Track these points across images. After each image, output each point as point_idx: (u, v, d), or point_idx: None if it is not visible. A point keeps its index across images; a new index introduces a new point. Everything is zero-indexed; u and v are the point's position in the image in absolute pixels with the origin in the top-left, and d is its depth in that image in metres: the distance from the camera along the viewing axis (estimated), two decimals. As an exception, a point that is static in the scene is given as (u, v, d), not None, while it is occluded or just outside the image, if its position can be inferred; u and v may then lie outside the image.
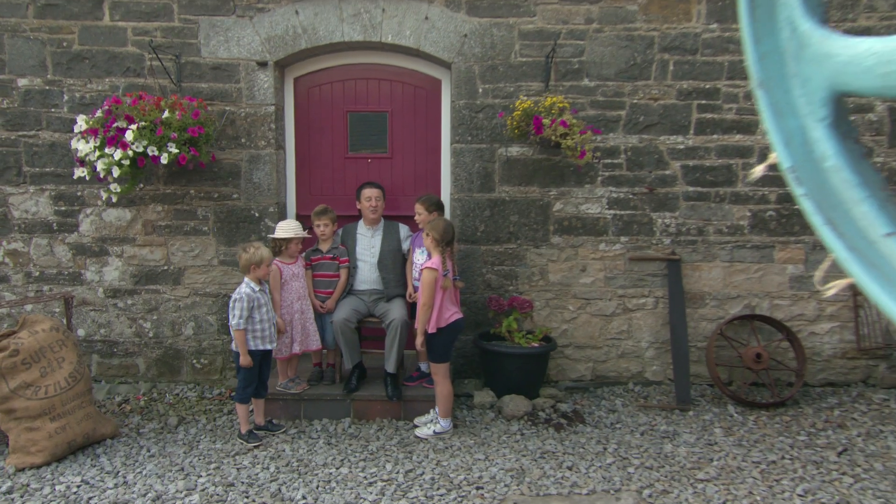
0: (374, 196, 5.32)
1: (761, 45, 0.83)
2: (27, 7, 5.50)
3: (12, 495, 4.03)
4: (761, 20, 0.83)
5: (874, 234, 0.74)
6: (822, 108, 0.79)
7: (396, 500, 3.98)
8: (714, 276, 5.80)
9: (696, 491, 4.13)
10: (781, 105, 0.81)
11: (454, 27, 5.61)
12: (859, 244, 0.74)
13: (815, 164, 0.79)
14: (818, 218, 0.77)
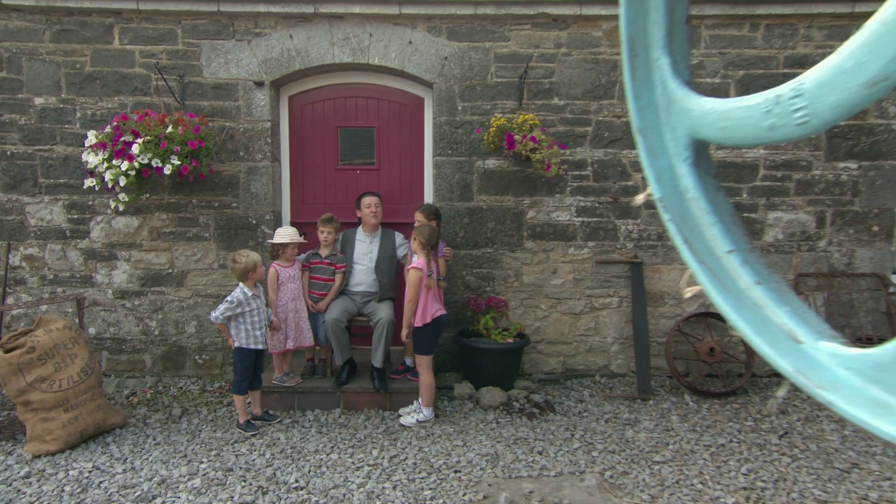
0: (374, 203, 5.41)
1: (640, 100, 0.97)
2: (44, 32, 5.57)
3: (30, 479, 4.10)
4: (640, 80, 0.97)
5: (719, 252, 0.88)
6: (685, 151, 0.93)
7: (381, 482, 4.07)
8: (672, 278, 5.95)
9: (653, 472, 4.26)
10: (655, 147, 0.95)
11: (435, 50, 5.73)
12: (708, 259, 0.88)
13: (680, 195, 0.93)
14: (678, 238, 0.91)
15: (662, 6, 0.95)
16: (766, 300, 0.82)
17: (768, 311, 0.81)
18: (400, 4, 5.55)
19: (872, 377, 0.68)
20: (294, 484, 4.02)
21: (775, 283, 0.85)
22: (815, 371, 0.73)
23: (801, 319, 0.79)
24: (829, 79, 0.69)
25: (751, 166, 5.81)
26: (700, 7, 5.53)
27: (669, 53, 0.96)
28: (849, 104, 0.68)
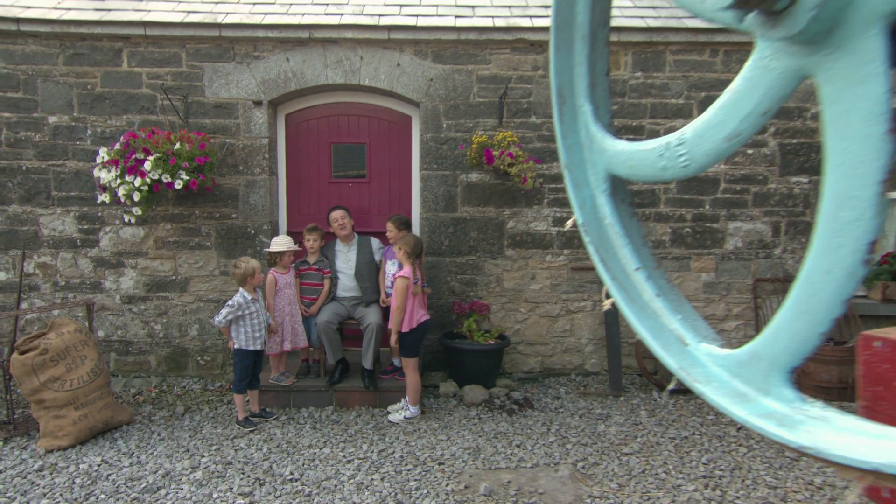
0: (340, 216, 5.46)
1: (567, 140, 1.08)
2: (58, 56, 5.65)
3: (43, 472, 4.16)
4: (567, 123, 1.09)
5: (629, 269, 0.99)
6: (604, 183, 1.05)
7: (370, 474, 4.15)
8: (642, 283, 6.07)
9: (622, 462, 4.37)
10: (579, 180, 1.07)
11: (422, 72, 5.85)
12: (619, 275, 0.99)
13: (598, 221, 1.05)
14: (596, 257, 1.03)
15: (585, 61, 1.07)
16: (664, 309, 0.94)
17: (664, 319, 0.93)
18: (389, 30, 5.67)
19: (736, 372, 0.80)
20: (289, 476, 4.09)
21: (673, 296, 0.96)
22: (695, 368, 0.84)
23: (689, 326, 0.91)
24: (701, 132, 0.82)
25: (712, 180, 5.96)
26: (665, 34, 5.68)
27: (592, 101, 1.08)
28: (716, 153, 0.80)
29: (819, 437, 0.67)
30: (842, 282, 0.67)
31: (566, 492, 4.00)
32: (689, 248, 6.01)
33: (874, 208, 0.63)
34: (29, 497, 3.82)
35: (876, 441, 0.62)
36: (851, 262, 0.65)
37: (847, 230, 0.65)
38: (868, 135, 0.62)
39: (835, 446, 0.64)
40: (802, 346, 0.72)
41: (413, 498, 3.87)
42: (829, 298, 0.68)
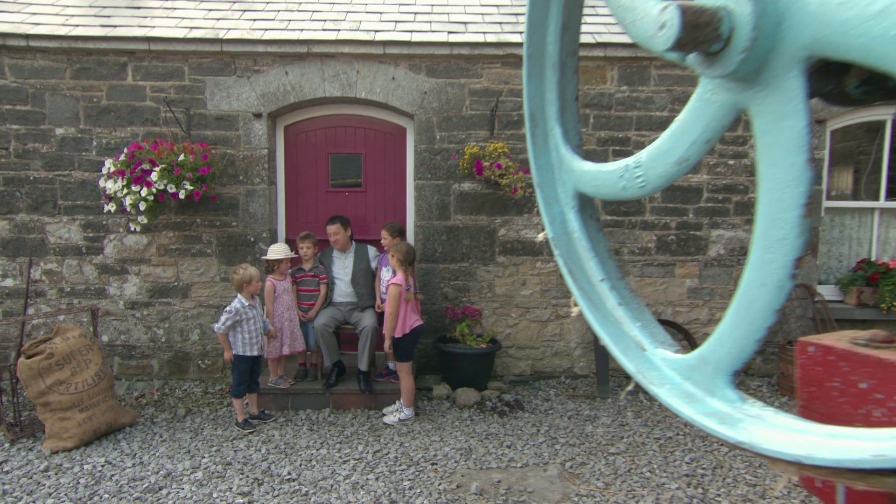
0: (333, 231, 5.49)
1: (539, 160, 1.14)
2: (65, 70, 5.69)
3: (49, 473, 4.19)
4: (539, 144, 1.15)
5: (594, 280, 1.05)
6: (573, 200, 1.10)
7: (365, 474, 4.19)
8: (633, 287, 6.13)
9: (608, 462, 4.42)
10: (550, 198, 1.13)
11: (416, 86, 5.92)
12: (585, 286, 1.05)
13: (568, 236, 1.10)
14: (565, 269, 1.08)
15: (556, 87, 1.14)
16: (625, 317, 1.00)
17: (625, 326, 0.99)
18: (384, 45, 5.74)
19: (686, 375, 0.86)
20: (287, 476, 4.13)
21: (634, 305, 1.02)
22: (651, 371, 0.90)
23: (648, 332, 0.97)
24: (655, 157, 0.88)
25: (696, 189, 6.04)
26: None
27: (562, 124, 1.14)
28: (668, 176, 0.86)
29: (754, 433, 0.72)
30: (773, 294, 0.72)
31: (554, 490, 4.05)
32: (673, 254, 6.07)
33: (798, 228, 0.69)
34: (35, 497, 3.85)
35: (801, 436, 0.68)
36: (781, 277, 0.71)
37: (776, 248, 0.71)
38: (792, 163, 0.68)
39: (766, 441, 0.69)
40: (742, 351, 0.77)
41: (407, 497, 3.91)
42: (764, 308, 0.74)
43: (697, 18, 0.68)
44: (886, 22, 0.58)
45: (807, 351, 0.91)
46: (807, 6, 0.65)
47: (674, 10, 0.68)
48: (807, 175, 0.68)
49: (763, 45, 0.68)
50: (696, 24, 0.68)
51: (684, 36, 0.68)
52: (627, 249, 6.09)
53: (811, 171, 0.68)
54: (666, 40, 0.70)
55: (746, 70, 0.70)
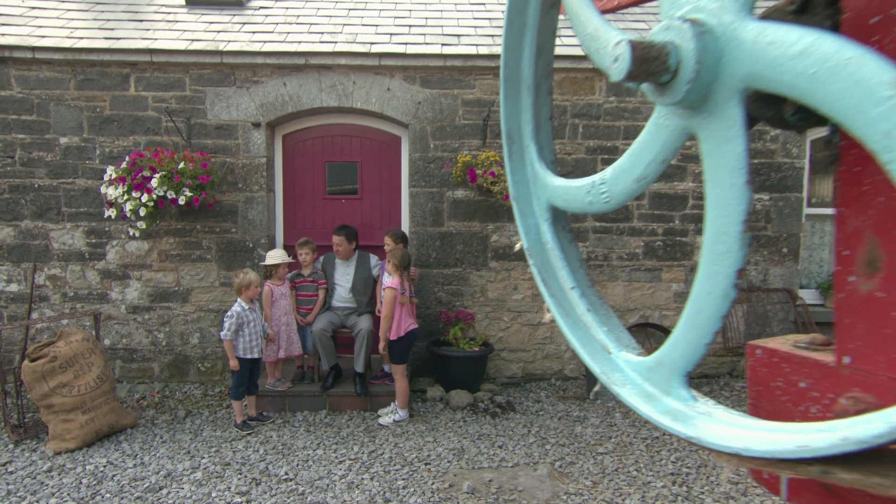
0: (336, 242, 5.56)
1: (515, 175, 1.20)
2: (69, 81, 5.74)
3: (52, 473, 4.21)
4: (516, 161, 1.20)
5: (566, 287, 1.11)
6: (546, 213, 1.16)
7: (360, 474, 4.23)
8: (617, 293, 6.20)
9: (597, 461, 4.47)
10: (525, 210, 1.18)
11: (411, 96, 5.99)
12: (557, 293, 1.11)
13: (542, 246, 1.16)
14: (538, 277, 1.14)
15: (531, 108, 1.19)
16: (593, 322, 1.05)
17: (593, 331, 1.04)
18: (379, 57, 5.81)
19: (646, 376, 0.91)
20: (284, 476, 4.17)
21: (602, 311, 1.08)
22: (614, 373, 0.95)
23: (613, 337, 1.02)
24: (617, 175, 0.93)
25: (681, 197, 6.11)
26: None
27: (537, 142, 1.19)
28: (629, 192, 0.92)
29: (702, 429, 0.78)
30: (719, 302, 0.78)
31: (544, 489, 4.10)
32: (660, 260, 6.14)
33: (739, 243, 0.75)
34: (38, 496, 3.88)
35: (741, 431, 0.73)
36: (725, 286, 0.77)
37: (721, 260, 0.77)
38: (732, 184, 0.74)
39: (711, 436, 0.75)
40: (693, 354, 0.83)
41: (400, 496, 3.95)
42: (711, 315, 0.79)
43: (647, 53, 0.74)
44: (806, 62, 0.64)
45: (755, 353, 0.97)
46: (742, 44, 0.71)
47: (625, 45, 0.74)
48: (745, 195, 0.74)
49: (706, 77, 0.74)
50: (646, 58, 0.74)
51: (635, 69, 0.74)
52: (616, 255, 6.15)
53: (749, 191, 0.74)
54: (619, 72, 0.76)
55: (692, 99, 0.76)
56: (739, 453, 0.69)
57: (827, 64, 0.61)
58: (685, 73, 0.74)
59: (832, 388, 0.80)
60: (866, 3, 0.74)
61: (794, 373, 0.86)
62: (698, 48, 0.72)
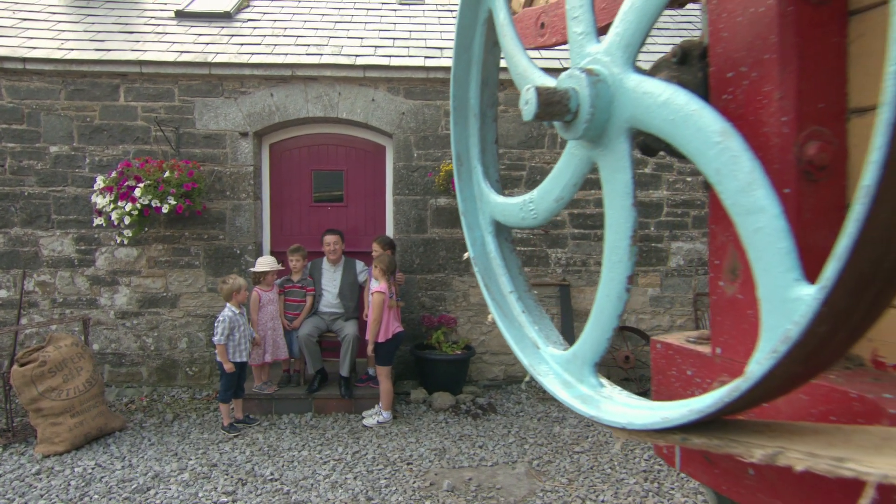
0: (332, 241, 5.71)
1: (464, 193, 1.35)
2: (60, 92, 5.85)
3: (40, 476, 4.29)
4: (464, 180, 1.36)
5: (505, 292, 1.26)
6: (490, 226, 1.32)
7: (344, 474, 4.35)
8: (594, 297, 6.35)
9: (573, 460, 4.62)
10: (472, 224, 1.34)
11: (395, 107, 6.15)
12: (498, 297, 1.26)
13: (486, 256, 1.31)
14: (482, 283, 1.29)
15: (477, 133, 1.35)
16: (526, 322, 1.20)
17: (526, 329, 1.19)
18: (364, 69, 5.96)
19: (565, 367, 1.07)
20: (269, 476, 4.27)
21: (536, 312, 1.23)
22: (540, 365, 1.11)
23: (543, 334, 1.18)
24: (541, 195, 1.09)
25: (656, 205, 6.30)
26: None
27: (483, 164, 1.35)
28: (551, 210, 1.08)
29: (603, 409, 0.93)
30: (615, 303, 0.94)
31: (521, 487, 4.24)
32: (636, 265, 6.30)
33: (629, 254, 0.90)
34: (27, 498, 3.95)
35: (630, 409, 0.89)
36: (619, 290, 0.92)
37: (615, 268, 0.92)
38: (622, 205, 0.90)
39: (608, 414, 0.90)
40: (598, 347, 0.99)
41: (382, 494, 4.08)
42: (610, 314, 0.95)
43: (551, 98, 0.90)
44: (667, 110, 0.79)
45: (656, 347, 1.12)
46: (627, 92, 0.86)
47: (532, 91, 0.90)
48: (632, 215, 0.89)
49: (600, 118, 0.89)
50: (550, 102, 0.90)
51: (541, 111, 0.90)
52: (594, 261, 6.33)
53: (635, 212, 0.89)
54: (528, 113, 0.91)
55: (590, 135, 0.92)
56: (625, 427, 0.84)
57: (680, 113, 0.77)
58: (583, 115, 0.89)
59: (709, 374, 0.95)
60: (724, 60, 0.90)
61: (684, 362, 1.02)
62: (592, 94, 0.88)
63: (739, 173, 0.69)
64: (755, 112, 0.85)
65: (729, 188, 0.71)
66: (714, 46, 0.92)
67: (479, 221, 1.33)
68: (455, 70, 1.34)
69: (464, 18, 1.29)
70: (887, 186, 0.52)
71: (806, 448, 0.65)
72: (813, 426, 0.72)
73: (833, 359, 0.66)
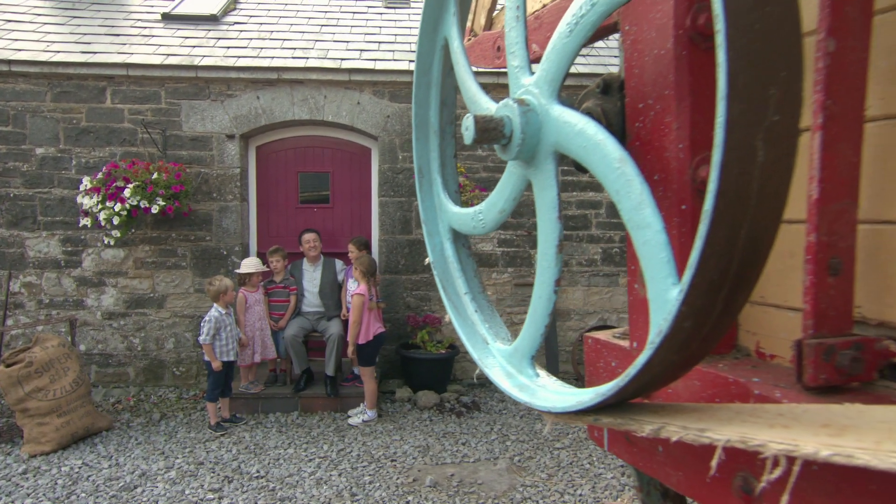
0: (312, 239, 5.84)
1: (425, 203, 1.49)
2: (46, 94, 5.93)
3: (27, 475, 4.38)
4: (425, 191, 1.50)
5: (461, 293, 1.40)
6: (448, 233, 1.46)
7: (329, 471, 4.48)
8: (577, 297, 6.53)
9: (553, 456, 4.77)
10: (432, 231, 1.47)
11: (380, 110, 6.27)
12: (454, 298, 1.40)
13: (444, 260, 1.45)
14: (441, 286, 1.43)
15: (437, 149, 1.49)
16: (478, 321, 1.35)
17: (477, 327, 1.33)
18: (350, 73, 6.09)
19: (508, 360, 1.21)
20: (255, 474, 4.39)
21: (488, 312, 1.37)
22: (488, 358, 1.25)
23: (493, 331, 1.32)
24: (488, 207, 1.23)
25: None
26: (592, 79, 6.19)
27: (442, 176, 1.49)
28: (496, 220, 1.22)
29: (536, 396, 1.07)
30: (546, 303, 1.08)
31: (502, 482, 4.38)
32: (618, 265, 6.49)
33: (555, 260, 1.04)
34: (13, 497, 4.04)
35: (556, 395, 1.03)
36: (548, 292, 1.07)
37: (545, 273, 1.06)
38: (550, 219, 1.04)
39: (539, 400, 1.04)
40: (533, 342, 1.13)
41: (366, 490, 4.21)
42: (542, 313, 1.09)
43: (487, 125, 1.04)
44: (581, 139, 0.93)
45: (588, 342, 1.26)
46: (552, 120, 1.01)
47: (471, 119, 1.04)
48: (557, 227, 1.03)
49: (530, 143, 1.03)
50: (486, 129, 1.04)
51: (478, 136, 1.04)
52: (576, 261, 6.48)
53: (560, 224, 1.03)
54: (468, 137, 1.05)
55: (523, 157, 1.06)
56: (549, 410, 0.98)
57: (591, 142, 0.91)
58: (515, 139, 1.03)
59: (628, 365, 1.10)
60: (636, 92, 1.04)
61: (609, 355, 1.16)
62: (523, 122, 1.02)
63: (632, 194, 0.84)
64: (659, 139, 1.00)
65: (625, 206, 0.85)
66: (628, 80, 1.07)
67: (438, 229, 1.47)
68: (416, 92, 1.48)
69: (423, 46, 1.43)
70: (721, 212, 0.67)
71: (681, 423, 0.79)
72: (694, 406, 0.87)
73: (704, 349, 0.80)
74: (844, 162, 0.77)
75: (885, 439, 0.58)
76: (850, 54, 0.75)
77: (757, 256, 0.71)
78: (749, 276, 0.72)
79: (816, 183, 0.77)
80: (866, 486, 0.70)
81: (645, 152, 1.03)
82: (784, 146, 0.67)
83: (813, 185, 0.77)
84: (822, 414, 0.69)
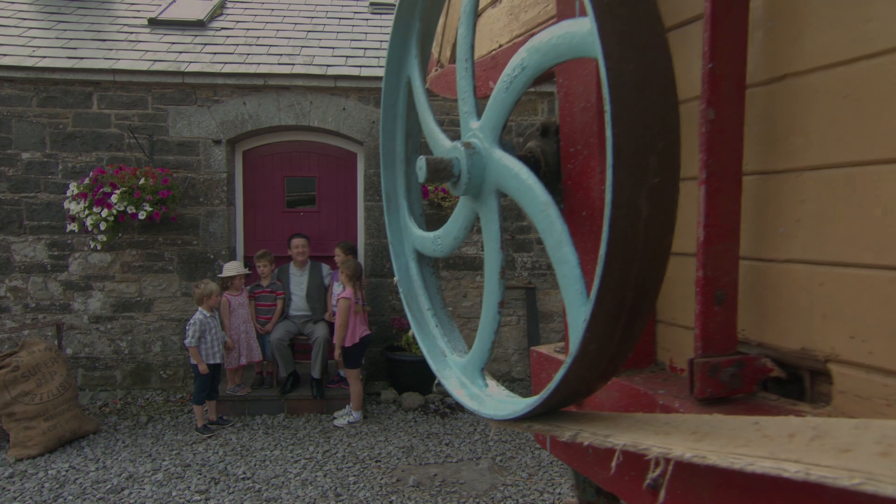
0: (301, 244, 5.96)
1: (392, 225, 1.64)
2: (32, 99, 6.01)
3: (13, 479, 4.46)
4: (392, 214, 1.64)
5: (424, 309, 1.55)
6: (413, 254, 1.60)
7: (315, 472, 4.60)
8: (560, 300, 6.67)
9: (534, 455, 4.92)
10: (399, 252, 1.62)
11: (365, 115, 6.40)
12: (417, 314, 1.55)
13: (410, 279, 1.60)
14: (405, 302, 1.58)
15: (403, 175, 1.64)
16: (438, 335, 1.49)
17: (438, 341, 1.48)
18: (335, 79, 6.21)
19: (462, 371, 1.36)
20: (242, 475, 4.50)
21: (448, 326, 1.52)
22: (445, 370, 1.40)
23: (451, 345, 1.47)
24: (444, 234, 1.38)
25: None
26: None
27: (408, 201, 1.64)
28: (451, 245, 1.37)
29: (484, 404, 1.22)
30: (491, 322, 1.23)
31: (484, 481, 4.53)
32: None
33: (498, 285, 1.19)
34: (0, 501, 4.12)
35: (499, 404, 1.18)
36: (493, 312, 1.22)
37: (490, 297, 1.21)
38: (493, 248, 1.19)
39: (486, 408, 1.19)
40: (482, 356, 1.28)
41: (351, 490, 4.34)
42: (489, 330, 1.24)
43: (438, 165, 1.18)
44: (515, 181, 1.08)
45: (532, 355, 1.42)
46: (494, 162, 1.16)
47: (423, 160, 1.19)
48: (500, 255, 1.18)
49: (476, 181, 1.18)
50: (437, 169, 1.18)
51: (430, 175, 1.18)
52: (559, 264, 6.62)
53: (502, 254, 1.18)
54: (421, 177, 1.20)
55: (471, 193, 1.20)
56: (492, 417, 1.13)
57: (523, 185, 1.06)
58: (463, 178, 1.18)
59: (565, 377, 1.25)
60: (568, 137, 1.19)
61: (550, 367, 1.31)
62: (468, 163, 1.17)
63: (554, 234, 0.99)
64: (586, 180, 1.15)
65: (549, 243, 1.00)
66: (563, 126, 1.22)
67: (404, 250, 1.62)
68: (383, 123, 1.62)
69: (388, 82, 1.57)
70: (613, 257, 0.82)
71: (593, 430, 0.94)
72: (608, 415, 1.02)
73: (613, 367, 0.95)
74: (726, 209, 0.92)
75: (729, 443, 0.73)
76: (727, 121, 0.90)
77: (648, 292, 0.87)
78: (642, 308, 0.87)
79: (702, 227, 0.92)
80: (736, 480, 0.86)
81: (575, 191, 1.18)
82: (665, 202, 0.82)
83: (700, 229, 0.93)
84: (693, 422, 0.84)
